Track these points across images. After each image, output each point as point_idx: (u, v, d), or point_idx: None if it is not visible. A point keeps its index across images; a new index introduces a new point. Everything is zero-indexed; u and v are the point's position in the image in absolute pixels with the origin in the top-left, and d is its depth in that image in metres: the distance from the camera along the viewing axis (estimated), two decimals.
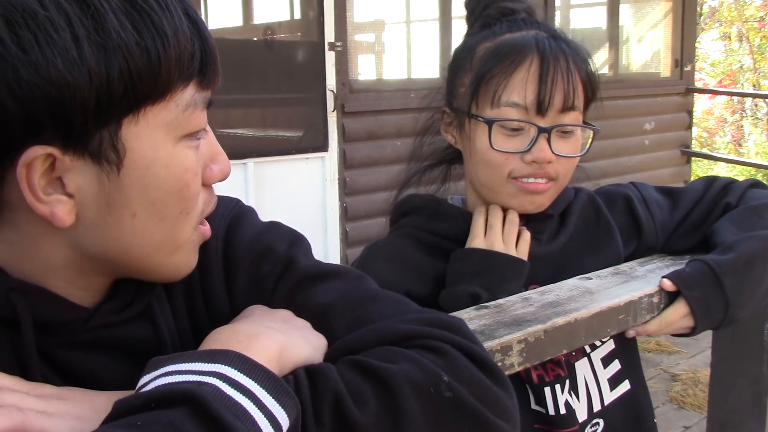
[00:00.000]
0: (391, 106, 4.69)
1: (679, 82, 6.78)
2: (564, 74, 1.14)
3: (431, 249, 1.24)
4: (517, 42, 1.17)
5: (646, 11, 7.00)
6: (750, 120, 12.39)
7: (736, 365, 1.53)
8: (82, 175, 0.66)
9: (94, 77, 0.62)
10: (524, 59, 1.15)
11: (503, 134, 1.16)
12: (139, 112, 0.66)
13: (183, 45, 0.67)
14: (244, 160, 4.13)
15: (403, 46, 5.48)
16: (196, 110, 0.71)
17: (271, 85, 4.36)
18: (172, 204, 0.71)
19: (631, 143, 6.27)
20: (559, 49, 1.16)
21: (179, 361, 0.65)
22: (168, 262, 0.75)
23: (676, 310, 1.19)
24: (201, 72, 0.71)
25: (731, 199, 1.32)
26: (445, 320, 0.81)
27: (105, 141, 0.65)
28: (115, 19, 0.63)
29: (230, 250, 0.85)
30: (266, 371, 0.66)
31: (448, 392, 0.72)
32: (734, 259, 1.18)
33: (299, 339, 0.76)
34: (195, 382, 0.62)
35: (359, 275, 0.88)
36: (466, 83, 1.21)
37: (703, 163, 9.94)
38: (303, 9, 4.60)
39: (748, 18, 12.59)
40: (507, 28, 1.21)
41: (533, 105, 1.14)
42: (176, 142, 0.70)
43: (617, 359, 1.27)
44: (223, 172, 0.77)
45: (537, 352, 1.03)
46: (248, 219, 0.89)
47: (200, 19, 0.71)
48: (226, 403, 0.60)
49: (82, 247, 0.70)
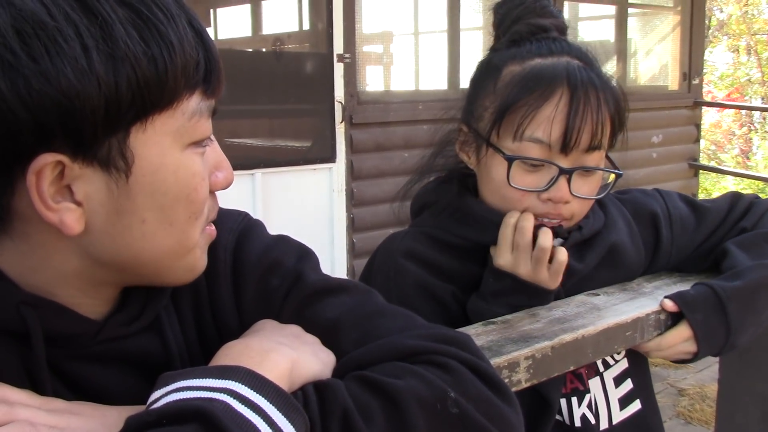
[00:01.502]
0: (399, 118, 4.69)
1: (687, 96, 6.78)
2: (593, 113, 1.09)
3: (461, 252, 1.19)
4: (547, 72, 1.10)
5: (655, 24, 7.00)
6: (758, 133, 12.36)
7: (744, 382, 1.53)
8: (91, 183, 0.67)
9: (103, 86, 0.63)
10: (553, 93, 1.09)
11: (522, 170, 1.11)
12: (147, 120, 0.67)
13: (188, 54, 0.68)
14: (252, 170, 4.14)
15: (412, 58, 5.50)
16: (202, 118, 0.72)
17: (280, 96, 4.37)
18: (180, 209, 0.72)
19: (639, 156, 6.26)
20: (590, 83, 1.10)
21: (190, 376, 0.66)
22: (178, 265, 0.76)
23: (678, 332, 1.17)
24: (206, 81, 0.72)
25: (747, 223, 1.30)
26: (452, 336, 0.81)
27: (113, 149, 0.66)
28: (123, 30, 0.64)
29: (239, 263, 0.86)
30: (276, 388, 0.66)
31: (455, 408, 0.73)
32: (741, 286, 1.17)
33: (309, 355, 0.76)
34: (206, 399, 0.62)
35: (367, 290, 0.89)
36: (488, 106, 1.16)
37: (711, 176, 9.91)
38: (312, 20, 4.62)
39: (756, 31, 12.58)
40: (536, 51, 1.15)
41: (558, 143, 1.09)
42: (183, 149, 0.71)
43: (629, 378, 1.26)
44: (227, 180, 0.78)
45: (544, 369, 1.03)
46: (257, 232, 0.89)
47: (204, 30, 0.72)
48: (236, 420, 0.61)
49: (92, 255, 0.71)
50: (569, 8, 6.16)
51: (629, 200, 1.32)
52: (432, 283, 1.15)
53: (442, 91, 5.06)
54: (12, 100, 0.61)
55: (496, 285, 1.14)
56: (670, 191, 1.37)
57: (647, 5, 6.92)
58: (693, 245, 1.32)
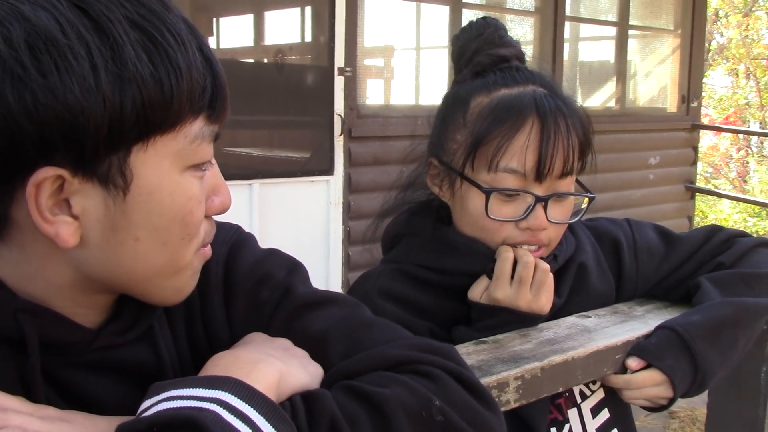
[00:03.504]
0: (398, 132, 4.71)
1: (686, 118, 6.80)
2: (564, 139, 1.11)
3: (437, 289, 1.20)
4: (515, 102, 1.12)
5: (654, 46, 7.04)
6: (755, 157, 12.40)
7: (733, 407, 1.53)
8: (89, 198, 0.68)
9: (108, 105, 0.64)
10: (524, 123, 1.10)
11: (499, 200, 1.13)
12: (149, 141, 0.68)
13: (195, 79, 0.70)
14: (249, 180, 4.15)
15: (412, 73, 5.52)
16: (204, 143, 0.73)
17: (280, 107, 4.39)
18: (174, 230, 0.73)
19: (636, 177, 6.28)
20: (558, 110, 1.12)
21: (181, 386, 0.67)
22: (168, 285, 0.76)
23: (649, 375, 1.14)
24: (211, 106, 0.73)
25: (726, 259, 1.27)
26: (436, 346, 0.84)
27: (114, 166, 0.67)
28: (133, 51, 0.65)
29: (230, 275, 0.88)
30: (265, 398, 0.67)
31: (440, 416, 0.75)
32: (700, 323, 1.15)
33: (298, 368, 0.77)
34: (196, 408, 0.63)
35: (355, 303, 0.91)
36: (459, 140, 1.17)
37: (708, 198, 9.94)
38: (314, 33, 4.64)
39: (756, 56, 12.65)
40: (502, 81, 1.16)
41: (532, 172, 1.11)
42: (182, 172, 0.72)
43: (606, 408, 1.26)
44: (224, 205, 0.80)
45: (533, 390, 1.04)
46: (248, 245, 0.91)
47: (213, 56, 0.73)
48: (226, 429, 0.62)
49: (85, 269, 0.72)
50: (570, 28, 6.19)
51: (595, 227, 1.33)
52: (409, 320, 1.15)
53: None
54: (18, 112, 0.62)
55: (491, 321, 1.15)
56: (642, 222, 1.37)
57: (647, 27, 6.96)
58: (661, 274, 1.31)
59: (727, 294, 1.20)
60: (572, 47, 6.37)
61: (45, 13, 0.63)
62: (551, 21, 5.68)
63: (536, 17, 5.77)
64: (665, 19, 6.94)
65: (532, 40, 5.80)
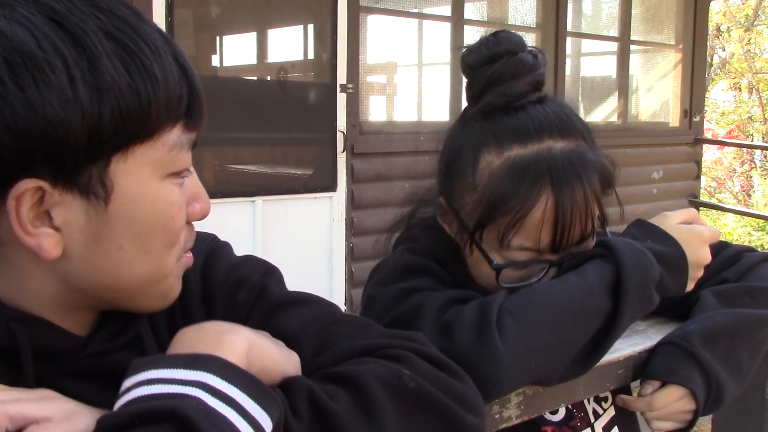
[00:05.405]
0: (400, 149, 4.72)
1: (688, 133, 6.81)
2: (581, 210, 1.02)
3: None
4: (528, 171, 1.01)
5: (656, 61, 7.07)
6: (759, 171, 12.40)
7: (738, 423, 1.52)
8: (70, 209, 0.68)
9: (87, 116, 0.65)
10: (538, 198, 1.01)
11: (511, 269, 1.06)
12: (128, 151, 0.69)
13: (172, 88, 0.70)
14: (253, 197, 4.16)
15: (414, 89, 5.54)
16: (182, 150, 0.74)
17: (283, 125, 4.41)
18: (157, 237, 0.73)
19: (639, 191, 6.28)
20: (574, 176, 1.01)
21: (161, 365, 0.66)
22: (152, 291, 0.77)
23: (668, 392, 1.11)
24: (188, 114, 0.74)
25: (731, 274, 1.25)
26: (404, 334, 0.86)
27: (94, 177, 0.68)
28: (109, 62, 0.66)
29: (208, 282, 0.89)
30: (248, 375, 0.67)
31: (412, 383, 0.77)
32: (696, 331, 1.14)
33: (271, 343, 0.78)
34: (179, 395, 0.63)
35: (328, 303, 0.93)
36: (468, 200, 1.08)
37: (712, 212, 9.93)
38: (316, 50, 4.67)
39: (758, 70, 12.67)
40: (513, 135, 1.04)
41: (548, 247, 1.04)
42: (162, 179, 0.73)
43: (617, 426, 1.24)
44: (204, 211, 0.80)
45: (535, 406, 1.03)
46: (224, 253, 0.93)
47: (189, 65, 0.74)
48: (210, 417, 0.62)
49: (70, 281, 0.72)
50: (572, 44, 6.22)
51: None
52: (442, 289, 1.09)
53: (444, 123, 5.08)
54: None
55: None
56: None
57: (649, 42, 6.99)
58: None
59: (729, 306, 1.19)
60: (574, 62, 6.39)
61: (21, 27, 0.64)
62: (553, 36, 5.71)
63: (537, 33, 5.79)
64: (667, 34, 6.97)
65: None
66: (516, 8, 5.92)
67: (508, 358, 0.92)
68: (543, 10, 5.76)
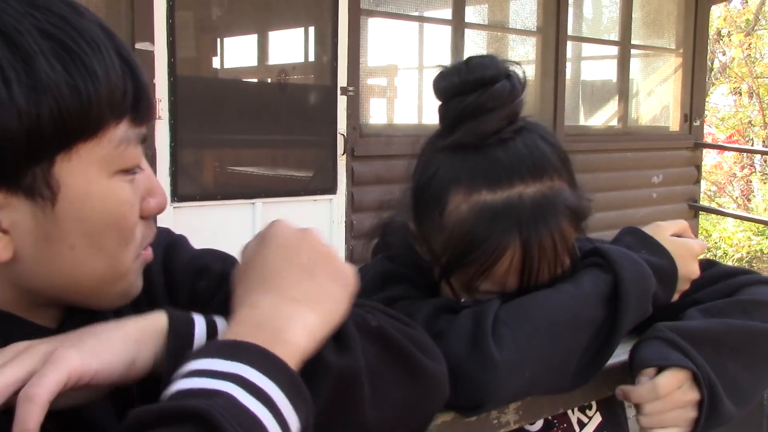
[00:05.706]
0: (400, 151, 4.71)
1: (688, 137, 6.82)
2: (550, 259, 1.00)
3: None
4: (496, 222, 0.98)
5: (657, 65, 7.07)
6: (759, 176, 12.41)
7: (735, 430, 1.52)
8: (17, 211, 0.67)
9: (24, 118, 0.64)
10: (505, 252, 0.98)
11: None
12: (72, 149, 0.68)
13: (114, 83, 0.69)
14: (252, 199, 4.16)
15: (415, 92, 5.55)
16: (130, 146, 0.72)
17: (283, 127, 4.41)
18: (109, 235, 0.72)
19: (639, 195, 6.28)
20: (544, 228, 0.98)
21: (202, 355, 0.65)
22: (111, 290, 0.76)
23: (671, 375, 1.03)
24: (134, 109, 0.72)
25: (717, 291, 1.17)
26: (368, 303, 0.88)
27: (38, 178, 0.67)
28: (45, 62, 0.65)
29: (170, 273, 0.90)
30: (287, 370, 0.65)
31: (375, 323, 0.79)
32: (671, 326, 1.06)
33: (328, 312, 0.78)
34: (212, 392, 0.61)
35: None
36: (436, 234, 1.05)
37: (712, 217, 9.93)
38: (317, 53, 4.67)
39: (759, 75, 12.69)
40: (483, 178, 1.00)
41: (515, 290, 1.02)
42: (110, 177, 0.71)
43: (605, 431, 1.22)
44: (160, 206, 0.79)
45: (533, 411, 1.03)
46: (183, 244, 0.94)
47: (133, 58, 0.73)
48: (239, 417, 0.60)
49: (25, 283, 0.72)
50: (572, 48, 6.23)
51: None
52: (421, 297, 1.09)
53: None
54: None
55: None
56: None
57: (650, 47, 7.00)
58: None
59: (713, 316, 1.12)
60: (574, 66, 6.40)
61: None
62: (553, 40, 5.71)
63: (538, 37, 5.80)
64: (667, 39, 6.98)
65: (534, 60, 5.83)
66: (517, 12, 5.93)
67: (504, 368, 0.92)
68: (544, 13, 5.77)
